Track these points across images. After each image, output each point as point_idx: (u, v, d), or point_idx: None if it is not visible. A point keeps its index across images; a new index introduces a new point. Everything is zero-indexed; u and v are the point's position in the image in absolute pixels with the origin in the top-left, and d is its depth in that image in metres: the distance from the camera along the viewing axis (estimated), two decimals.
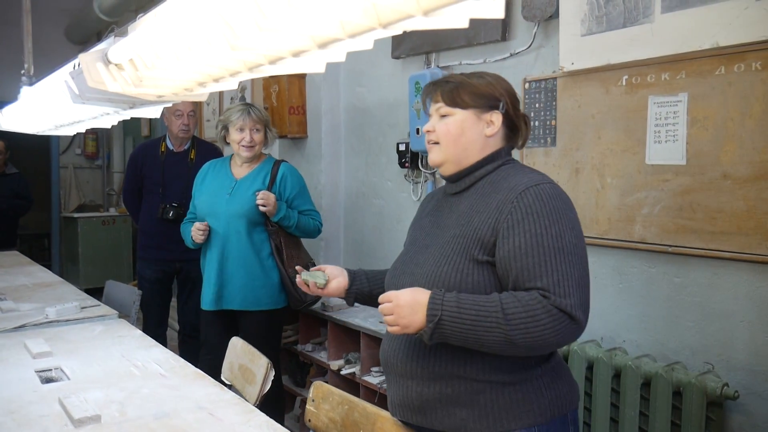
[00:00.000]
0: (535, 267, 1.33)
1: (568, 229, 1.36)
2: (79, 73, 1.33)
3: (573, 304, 1.30)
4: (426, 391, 1.44)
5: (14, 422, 1.55)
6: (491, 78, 1.52)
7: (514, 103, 1.52)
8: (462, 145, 1.48)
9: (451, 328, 1.31)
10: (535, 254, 1.33)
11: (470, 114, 1.48)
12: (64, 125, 2.32)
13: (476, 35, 2.81)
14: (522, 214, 1.36)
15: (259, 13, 0.76)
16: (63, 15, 6.72)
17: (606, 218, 2.32)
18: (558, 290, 1.30)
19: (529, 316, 1.28)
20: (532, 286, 1.33)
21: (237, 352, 2.19)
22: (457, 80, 1.51)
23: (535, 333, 1.28)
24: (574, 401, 1.49)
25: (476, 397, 1.40)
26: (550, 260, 1.32)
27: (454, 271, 1.40)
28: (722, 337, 2.05)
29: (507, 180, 1.44)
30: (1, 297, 2.88)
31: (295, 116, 3.83)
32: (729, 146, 1.98)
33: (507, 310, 1.29)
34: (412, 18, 0.70)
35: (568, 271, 1.32)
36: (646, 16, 2.12)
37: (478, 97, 1.48)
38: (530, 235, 1.34)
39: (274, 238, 2.87)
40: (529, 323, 1.28)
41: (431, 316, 1.31)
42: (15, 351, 2.12)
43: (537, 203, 1.36)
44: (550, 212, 1.35)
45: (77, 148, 7.58)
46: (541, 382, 1.42)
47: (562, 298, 1.30)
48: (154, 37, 1.02)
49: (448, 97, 1.49)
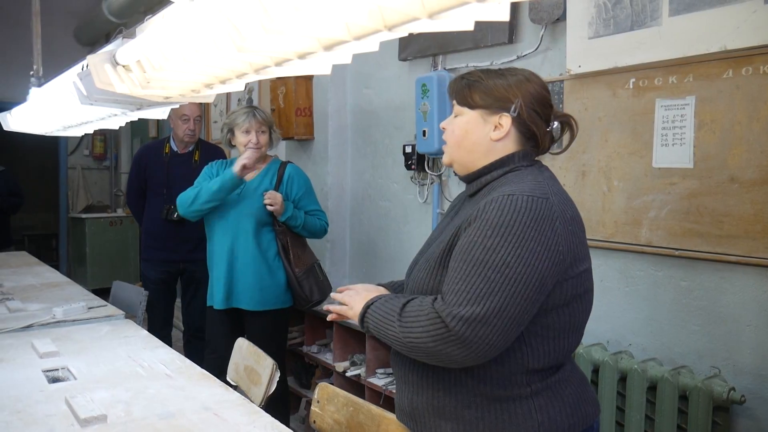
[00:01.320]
0: (452, 272, 1.28)
1: (512, 246, 1.23)
2: (87, 75, 1.34)
3: (456, 315, 1.21)
4: (416, 398, 1.42)
5: (21, 421, 1.56)
6: (517, 78, 1.40)
7: (534, 107, 1.40)
8: (465, 148, 1.43)
9: (372, 321, 1.38)
10: (459, 260, 1.27)
11: (476, 115, 1.41)
12: (72, 126, 2.34)
13: (483, 37, 2.81)
14: (475, 218, 1.29)
15: (265, 15, 0.76)
16: (72, 17, 6.76)
17: (612, 221, 2.32)
18: (450, 298, 1.24)
19: (414, 317, 1.29)
20: (440, 289, 1.31)
21: (242, 353, 2.19)
22: (474, 77, 1.42)
23: (415, 334, 1.28)
24: (577, 426, 1.36)
25: (462, 412, 1.35)
26: (465, 269, 1.25)
27: (428, 276, 1.39)
28: (729, 341, 2.04)
29: (501, 187, 1.34)
30: (9, 297, 2.89)
31: (302, 118, 3.83)
32: (736, 150, 1.97)
33: (404, 310, 1.32)
34: (418, 20, 0.70)
35: (477, 284, 1.22)
36: (654, 19, 2.11)
37: (489, 97, 1.39)
38: (467, 241, 1.28)
39: (281, 237, 2.90)
40: (413, 324, 1.28)
41: (363, 308, 1.40)
42: (22, 351, 2.13)
43: (495, 212, 1.26)
44: (501, 224, 1.24)
45: (85, 149, 7.62)
46: (533, 404, 1.33)
47: (450, 306, 1.23)
48: (162, 38, 1.02)
49: (459, 95, 1.43)
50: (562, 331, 1.33)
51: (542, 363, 1.33)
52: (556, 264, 1.27)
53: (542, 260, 1.24)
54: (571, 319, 1.35)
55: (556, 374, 1.36)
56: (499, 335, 1.23)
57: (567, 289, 1.31)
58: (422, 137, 2.99)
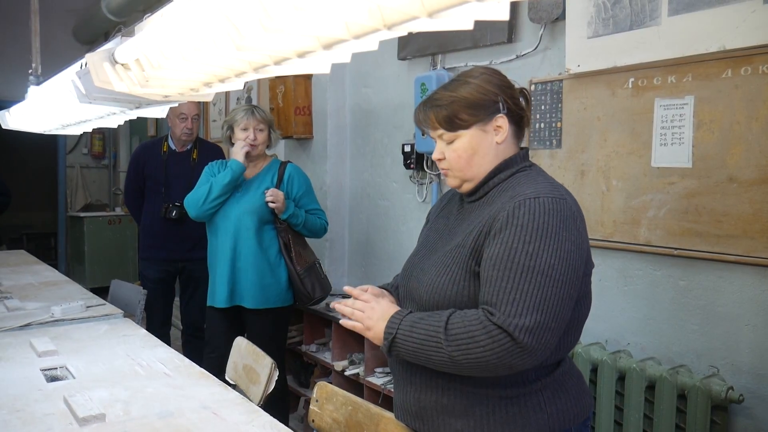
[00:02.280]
0: (497, 281, 1.26)
1: (552, 249, 1.25)
2: (85, 73, 1.34)
3: (520, 326, 1.21)
4: (423, 397, 1.41)
5: (19, 420, 1.56)
6: (477, 80, 1.40)
7: (510, 94, 1.41)
8: (477, 164, 1.41)
9: (404, 347, 1.32)
10: (502, 267, 1.26)
11: (475, 131, 1.40)
12: (71, 125, 2.34)
13: (482, 37, 2.81)
14: (506, 224, 1.28)
15: (264, 13, 0.76)
16: (70, 15, 6.75)
17: (611, 221, 2.32)
18: (508, 309, 1.23)
19: (468, 336, 1.24)
20: (485, 301, 1.27)
21: (241, 352, 2.19)
22: (446, 99, 1.40)
23: (475, 354, 1.23)
24: (581, 415, 1.41)
25: (472, 409, 1.36)
26: (513, 277, 1.24)
27: (452, 283, 1.35)
28: (727, 340, 2.04)
29: (515, 189, 1.36)
30: (8, 295, 2.89)
31: (301, 117, 3.83)
32: (735, 149, 1.97)
33: (450, 330, 1.26)
34: (417, 19, 0.70)
35: (530, 291, 1.23)
36: (653, 18, 2.11)
37: (476, 109, 1.38)
38: (504, 247, 1.27)
39: (282, 235, 2.92)
40: (469, 344, 1.24)
41: (387, 333, 1.34)
42: (21, 349, 2.13)
43: (526, 216, 1.27)
44: (536, 228, 1.26)
45: (84, 147, 7.62)
46: (541, 397, 1.35)
47: (511, 317, 1.22)
48: (161, 37, 1.02)
49: (446, 122, 1.40)
50: (570, 328, 1.36)
51: (551, 359, 1.37)
52: (584, 262, 1.33)
53: (576, 259, 1.29)
54: (579, 316, 1.39)
55: (560, 367, 1.40)
56: (556, 338, 1.27)
57: (581, 286, 1.35)
58: (421, 136, 2.99)
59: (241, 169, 2.86)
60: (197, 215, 2.91)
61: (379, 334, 1.36)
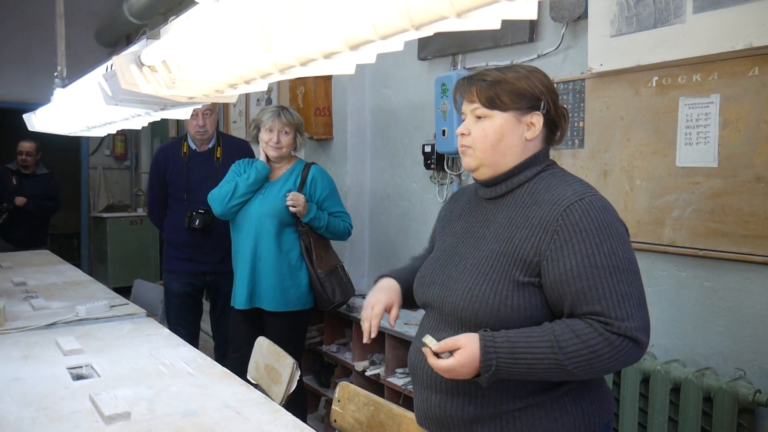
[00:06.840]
0: (591, 290, 1.25)
1: (620, 243, 1.27)
2: (112, 75, 1.36)
3: (636, 327, 1.23)
4: (448, 405, 1.38)
5: (47, 418, 1.58)
6: (526, 71, 1.39)
7: (554, 100, 1.40)
8: (500, 151, 1.38)
9: (508, 372, 1.26)
10: (589, 276, 1.25)
11: (510, 117, 1.37)
12: (96, 126, 2.36)
13: (503, 36, 2.80)
14: (569, 233, 1.27)
15: (292, 14, 0.76)
16: (93, 18, 6.84)
17: (635, 221, 2.29)
18: (618, 313, 1.23)
19: (590, 352, 1.22)
20: (589, 311, 1.25)
21: (263, 352, 2.20)
22: (494, 77, 1.37)
23: (599, 366, 1.24)
24: (605, 416, 1.40)
25: (499, 416, 1.35)
26: (605, 281, 1.24)
27: (494, 293, 1.31)
28: (754, 342, 2.01)
29: (549, 191, 1.34)
30: (33, 295, 2.93)
31: (321, 118, 3.84)
32: (762, 148, 1.94)
33: (565, 348, 1.23)
34: (445, 19, 0.70)
35: (627, 290, 1.25)
36: (678, 16, 2.09)
37: (518, 97, 1.36)
38: (581, 256, 1.26)
39: (304, 238, 2.90)
40: (591, 359, 1.23)
41: (486, 366, 1.25)
42: (47, 348, 2.16)
43: (584, 220, 1.27)
44: (599, 228, 1.27)
45: (106, 149, 7.71)
46: (567, 400, 1.35)
47: (624, 321, 1.23)
48: (187, 39, 1.03)
49: (486, 97, 1.37)
50: None
51: None
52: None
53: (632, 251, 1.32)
54: None
55: None
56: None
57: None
58: (441, 136, 2.98)
59: (267, 170, 2.88)
60: (222, 213, 2.89)
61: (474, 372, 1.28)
